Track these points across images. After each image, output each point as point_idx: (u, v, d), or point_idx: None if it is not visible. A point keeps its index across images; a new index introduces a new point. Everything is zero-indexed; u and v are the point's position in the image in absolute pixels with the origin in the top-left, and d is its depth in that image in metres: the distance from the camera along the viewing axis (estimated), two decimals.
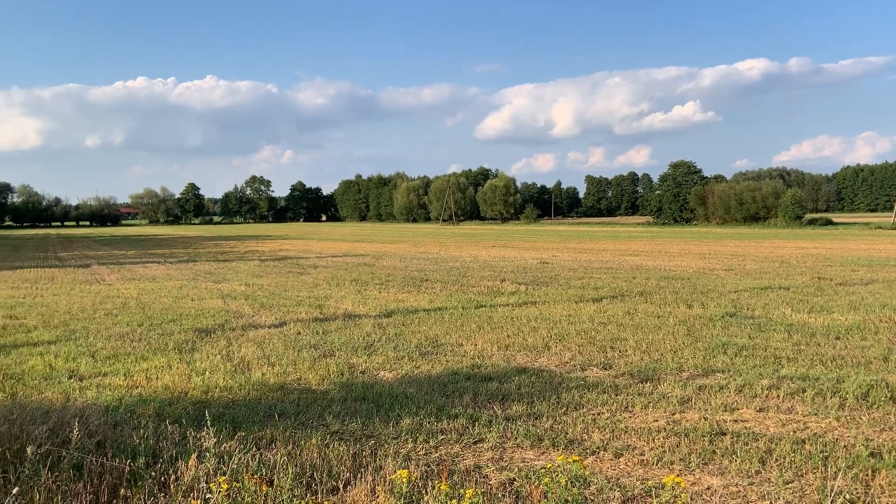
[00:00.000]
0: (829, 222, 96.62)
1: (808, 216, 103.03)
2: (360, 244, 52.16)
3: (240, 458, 5.87)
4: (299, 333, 13.02)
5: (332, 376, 9.61)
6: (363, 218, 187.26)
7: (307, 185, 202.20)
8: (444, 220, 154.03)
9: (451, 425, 7.38)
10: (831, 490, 5.58)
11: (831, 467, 6.12)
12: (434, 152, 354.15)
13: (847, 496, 5.55)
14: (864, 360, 10.22)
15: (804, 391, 8.54)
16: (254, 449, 6.45)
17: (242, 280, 23.71)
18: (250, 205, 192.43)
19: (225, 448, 6.14)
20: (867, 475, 5.97)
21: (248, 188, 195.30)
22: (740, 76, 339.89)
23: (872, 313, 14.59)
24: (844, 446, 6.67)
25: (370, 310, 16.02)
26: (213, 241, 62.53)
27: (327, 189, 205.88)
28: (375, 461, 6.29)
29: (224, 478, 4.96)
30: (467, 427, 7.35)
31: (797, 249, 40.37)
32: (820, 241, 51.10)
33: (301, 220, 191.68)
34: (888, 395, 8.28)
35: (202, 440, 6.10)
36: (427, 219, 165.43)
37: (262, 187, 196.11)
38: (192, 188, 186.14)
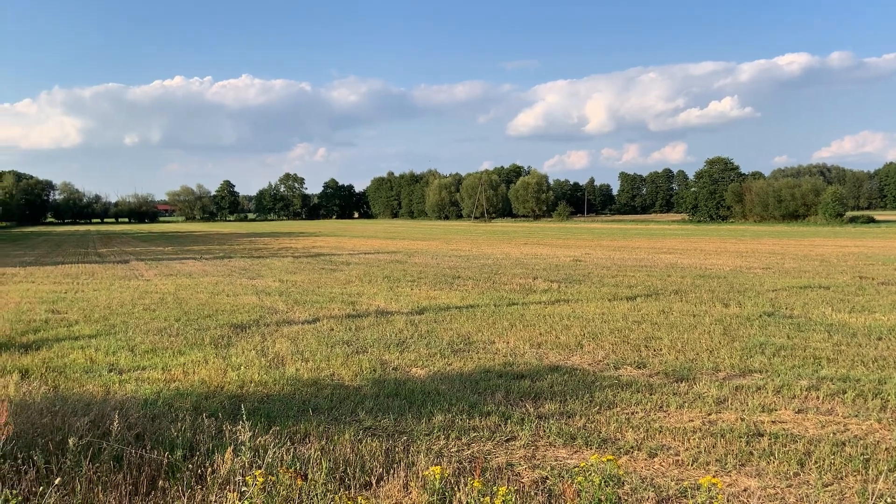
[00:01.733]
0: (871, 220, 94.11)
1: (850, 214, 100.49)
2: (391, 241, 52.39)
3: (274, 452, 5.94)
4: (332, 329, 13.13)
5: (365, 372, 9.68)
6: (395, 215, 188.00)
7: (340, 183, 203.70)
8: (475, 218, 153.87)
9: (484, 423, 7.38)
10: (872, 493, 5.45)
11: (872, 470, 5.98)
12: (466, 149, 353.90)
13: (888, 500, 5.41)
14: None
15: (845, 392, 8.34)
16: (288, 443, 6.52)
17: (276, 276, 24.00)
18: (284, 202, 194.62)
19: (260, 442, 6.22)
20: None
21: (282, 185, 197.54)
22: (780, 71, 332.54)
23: None
24: (886, 449, 6.51)
25: (402, 307, 16.08)
26: (247, 238, 63.42)
27: (359, 186, 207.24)
28: (408, 457, 6.32)
29: (259, 471, 5.03)
30: (499, 425, 7.34)
31: (838, 248, 39.42)
32: (861, 240, 49.82)
33: (333, 217, 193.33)
34: None
35: (238, 434, 6.19)
36: (459, 216, 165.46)
37: (296, 185, 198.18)
38: (228, 185, 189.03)
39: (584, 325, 13.21)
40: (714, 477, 5.63)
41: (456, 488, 5.30)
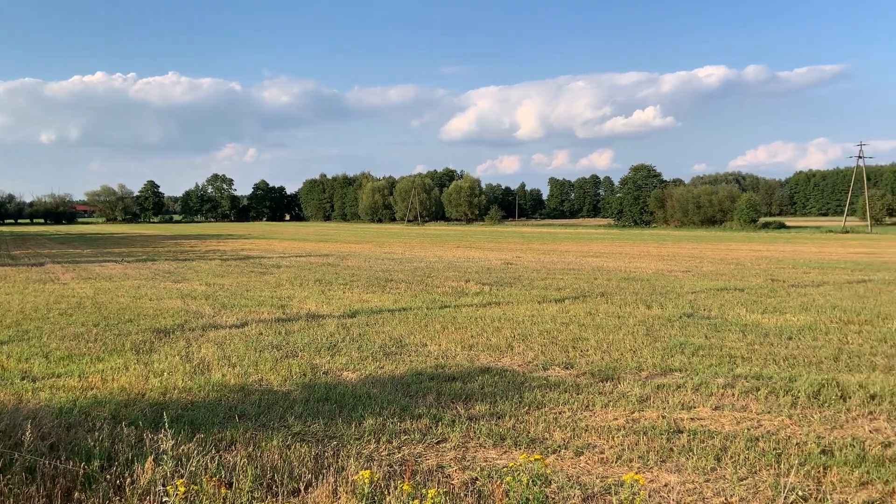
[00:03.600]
0: (782, 226, 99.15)
1: (763, 220, 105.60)
2: (324, 244, 51.78)
3: (198, 461, 5.78)
4: (261, 334, 12.88)
5: (295, 377, 9.53)
6: (327, 218, 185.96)
7: (270, 184, 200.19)
8: (409, 221, 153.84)
9: (415, 425, 7.39)
10: (784, 487, 5.74)
11: (784, 464, 6.29)
12: (400, 153, 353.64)
13: (799, 493, 5.71)
14: (816, 360, 10.52)
15: (758, 390, 8.76)
16: (213, 451, 6.36)
17: (203, 279, 23.34)
18: (212, 203, 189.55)
19: (183, 450, 6.04)
20: (819, 472, 6.15)
21: (210, 186, 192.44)
22: (699, 82, 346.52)
23: (823, 314, 15.03)
24: (797, 444, 6.86)
25: (334, 310, 15.92)
26: (172, 240, 61.42)
27: (291, 188, 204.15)
28: (338, 462, 6.26)
29: (182, 480, 4.89)
30: (430, 427, 7.37)
31: (751, 252, 41.34)
32: (773, 244, 52.43)
33: (264, 219, 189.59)
34: (838, 394, 8.54)
35: (159, 442, 6.00)
36: (392, 219, 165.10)
37: (225, 186, 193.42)
38: (152, 186, 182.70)
39: (514, 327, 13.40)
40: (637, 473, 5.83)
41: (386, 492, 5.29)
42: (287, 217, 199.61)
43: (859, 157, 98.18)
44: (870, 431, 7.25)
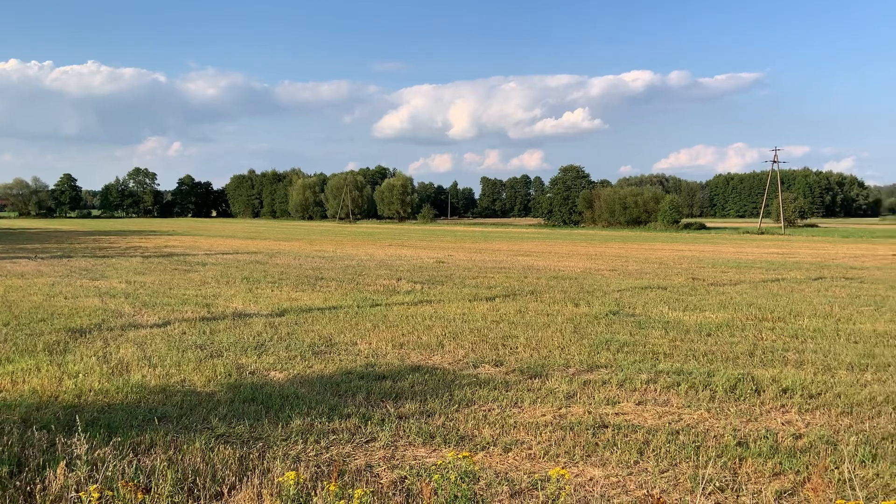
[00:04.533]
0: (702, 227, 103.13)
1: (684, 221, 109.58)
2: (252, 241, 50.62)
3: (114, 465, 5.54)
4: (184, 333, 12.47)
5: (220, 377, 9.27)
6: (256, 215, 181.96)
7: (196, 180, 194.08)
8: (340, 219, 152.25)
9: (343, 425, 7.30)
10: (702, 478, 5.95)
11: (702, 456, 6.53)
12: (332, 149, 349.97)
13: (717, 484, 5.94)
14: (733, 355, 10.97)
15: (679, 385, 9.06)
16: (131, 455, 6.11)
17: (123, 277, 22.43)
18: (133, 199, 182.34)
19: (98, 455, 5.77)
20: (735, 463, 6.40)
21: (132, 181, 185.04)
22: (626, 86, 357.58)
23: (740, 312, 15.70)
24: (714, 436, 7.13)
25: (262, 309, 15.58)
26: (91, 236, 58.79)
27: (218, 184, 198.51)
28: (263, 464, 6.12)
29: (95, 486, 4.66)
30: (359, 426, 7.29)
31: (674, 252, 42.84)
32: (694, 245, 54.49)
33: (189, 215, 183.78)
34: (753, 388, 8.93)
35: (73, 447, 5.71)
36: (323, 216, 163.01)
37: (147, 180, 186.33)
38: (69, 179, 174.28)
39: (445, 326, 13.43)
40: (563, 468, 5.92)
41: (313, 493, 5.20)
42: (214, 213, 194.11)
43: (774, 161, 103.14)
44: (782, 424, 7.61)
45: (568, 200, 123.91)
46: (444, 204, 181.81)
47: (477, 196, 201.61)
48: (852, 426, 7.48)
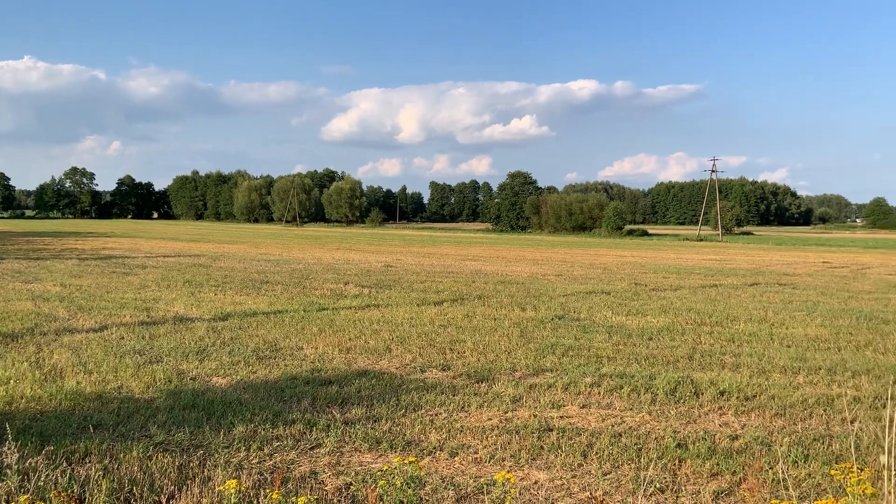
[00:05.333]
0: (645, 233, 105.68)
1: (628, 227, 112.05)
2: (195, 244, 49.45)
3: (47, 475, 5.32)
4: (122, 338, 12.09)
5: (159, 383, 9.01)
6: (200, 217, 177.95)
7: (137, 180, 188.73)
8: (287, 222, 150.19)
9: (288, 431, 7.19)
10: (643, 480, 6.08)
11: (644, 458, 6.66)
12: (279, 151, 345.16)
13: (657, 485, 6.07)
14: (673, 359, 11.26)
15: (621, 388, 9.24)
16: (64, 464, 5.87)
17: (58, 280, 21.60)
18: (70, 199, 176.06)
19: (30, 464, 5.53)
20: (675, 465, 6.56)
21: (68, 180, 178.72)
22: (572, 95, 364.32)
23: (680, 316, 16.12)
24: (655, 438, 7.29)
25: (204, 313, 15.22)
26: (24, 238, 56.42)
27: (160, 185, 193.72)
28: (204, 472, 5.97)
29: (27, 497, 4.46)
30: (304, 432, 7.19)
31: (617, 257, 43.74)
32: (637, 251, 55.76)
33: (129, 217, 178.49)
34: (692, 391, 9.18)
35: (3, 456, 5.47)
36: (269, 219, 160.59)
37: (85, 180, 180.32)
38: (1, 178, 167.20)
39: (393, 330, 13.38)
40: (508, 472, 5.97)
41: (255, 501, 5.10)
42: (155, 215, 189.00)
43: (712, 171, 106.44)
44: (719, 425, 7.84)
45: (515, 206, 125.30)
46: (392, 208, 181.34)
47: (426, 200, 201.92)
48: (785, 427, 7.76)
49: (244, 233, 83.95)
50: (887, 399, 8.44)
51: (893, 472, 4.26)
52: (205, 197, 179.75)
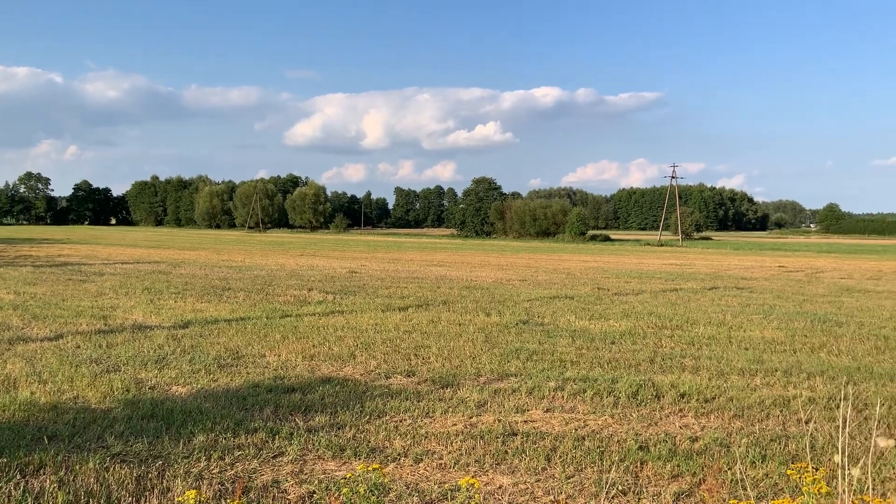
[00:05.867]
0: (607, 239, 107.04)
1: (591, 233, 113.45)
2: (155, 250, 48.52)
3: (0, 488, 5.16)
4: (78, 347, 11.79)
5: (116, 393, 8.81)
6: (160, 223, 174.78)
7: (94, 185, 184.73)
8: (250, 227, 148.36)
9: (250, 440, 7.09)
10: (606, 482, 6.14)
11: (606, 461, 6.74)
12: (241, 156, 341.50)
13: (620, 487, 6.14)
14: (635, 362, 11.41)
15: (585, 391, 9.33)
16: (18, 476, 5.70)
17: (11, 288, 20.97)
18: (24, 205, 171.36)
19: None
20: (637, 467, 6.65)
21: (22, 185, 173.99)
22: (536, 101, 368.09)
23: (641, 320, 16.36)
24: (618, 441, 7.38)
25: (164, 321, 14.94)
26: None
27: (118, 190, 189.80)
28: (162, 483, 5.85)
29: None
30: (267, 441, 7.10)
31: (581, 262, 44.20)
32: (600, 256, 56.43)
33: (86, 223, 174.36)
34: (654, 393, 9.31)
35: None
36: (232, 225, 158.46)
37: (40, 185, 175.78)
38: None
39: (357, 336, 13.31)
40: (473, 477, 5.97)
41: None
42: (113, 221, 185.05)
43: (672, 177, 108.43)
44: (680, 427, 7.96)
45: (480, 211, 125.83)
46: (357, 214, 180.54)
47: (391, 206, 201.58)
48: (744, 428, 7.92)
49: (205, 239, 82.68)
50: (840, 400, 8.69)
51: (847, 471, 4.37)
52: (165, 203, 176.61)
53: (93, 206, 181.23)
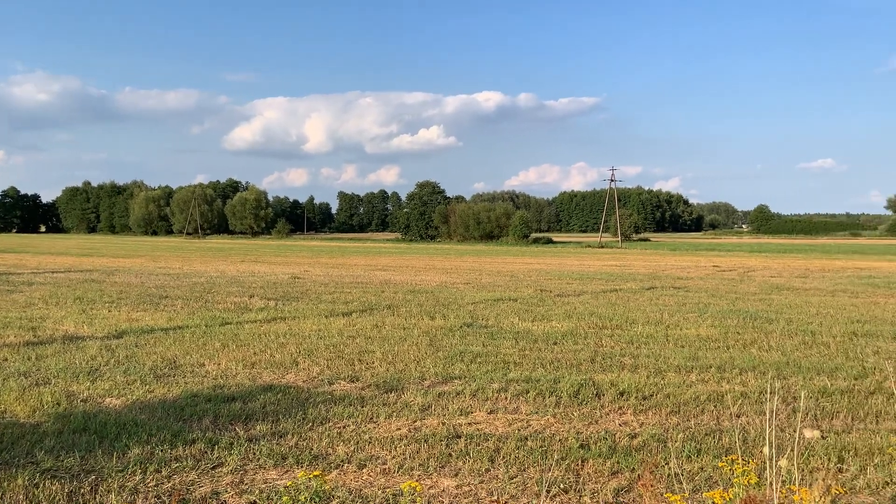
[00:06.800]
0: (549, 241, 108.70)
1: (534, 235, 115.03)
2: (87, 258, 46.79)
3: None
4: (6, 360, 11.27)
5: (46, 407, 8.46)
6: (93, 230, 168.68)
7: (22, 192, 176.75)
8: (188, 234, 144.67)
9: (188, 451, 6.91)
10: (548, 481, 6.23)
11: (548, 460, 6.83)
12: (179, 161, 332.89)
13: (561, 486, 6.24)
14: (576, 362, 11.61)
15: (528, 392, 9.45)
16: None
17: None
18: None
19: None
20: (578, 465, 6.76)
21: None
22: (478, 106, 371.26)
23: (583, 320, 16.66)
24: (560, 440, 7.49)
25: (97, 331, 14.42)
26: None
27: (48, 196, 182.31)
28: (96, 498, 5.65)
29: None
30: (205, 452, 6.94)
31: (524, 265, 44.74)
32: (542, 258, 57.23)
33: (14, 230, 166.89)
34: (594, 392, 9.50)
35: None
36: (169, 232, 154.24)
37: None
38: None
39: (300, 342, 13.13)
40: (416, 481, 5.97)
41: None
42: (43, 229, 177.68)
43: (612, 180, 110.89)
44: (619, 425, 8.14)
45: (424, 215, 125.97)
46: (300, 219, 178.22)
47: (334, 211, 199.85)
48: (680, 424, 8.16)
49: (142, 246, 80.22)
50: (769, 394, 9.04)
51: (775, 462, 4.55)
52: (98, 209, 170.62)
53: (21, 214, 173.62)
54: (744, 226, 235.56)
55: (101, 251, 60.92)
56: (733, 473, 4.57)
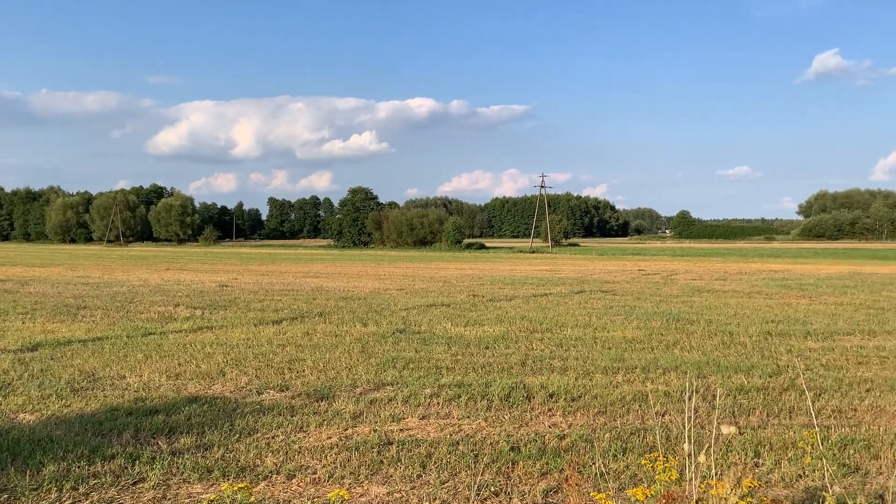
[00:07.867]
0: (482, 246, 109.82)
1: (466, 241, 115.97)
2: (0, 267, 44.32)
3: None
4: None
5: None
6: (6, 238, 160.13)
7: None
8: (109, 241, 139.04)
9: (107, 467, 6.63)
10: (479, 484, 6.28)
11: (480, 463, 6.89)
12: (99, 166, 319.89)
13: (492, 489, 6.29)
14: (507, 366, 11.76)
15: (460, 397, 9.50)
16: None
17: None
18: None
19: None
20: (508, 467, 6.84)
21: None
22: (411, 112, 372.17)
23: (514, 325, 16.89)
24: (491, 443, 7.56)
25: (9, 344, 13.68)
26: None
27: None
28: None
29: None
30: (126, 467, 6.67)
31: (457, 270, 45.01)
32: (475, 263, 57.73)
33: None
34: (525, 395, 9.63)
35: None
36: (89, 239, 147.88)
37: None
38: None
39: (227, 352, 12.81)
40: (346, 490, 5.91)
41: None
42: None
43: (542, 186, 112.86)
44: (549, 426, 8.29)
45: (357, 221, 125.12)
46: (228, 225, 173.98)
47: (264, 217, 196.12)
48: (607, 424, 8.37)
49: (59, 254, 76.60)
50: (691, 392, 9.38)
51: (695, 458, 4.72)
52: (11, 216, 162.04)
53: None
54: (667, 231, 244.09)
55: (14, 260, 57.84)
56: (655, 470, 4.71)
